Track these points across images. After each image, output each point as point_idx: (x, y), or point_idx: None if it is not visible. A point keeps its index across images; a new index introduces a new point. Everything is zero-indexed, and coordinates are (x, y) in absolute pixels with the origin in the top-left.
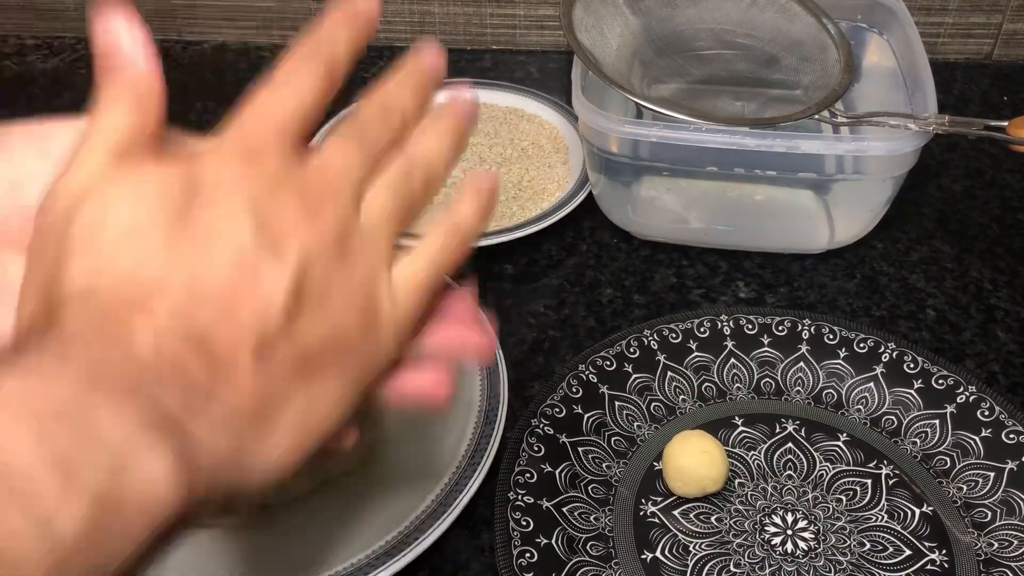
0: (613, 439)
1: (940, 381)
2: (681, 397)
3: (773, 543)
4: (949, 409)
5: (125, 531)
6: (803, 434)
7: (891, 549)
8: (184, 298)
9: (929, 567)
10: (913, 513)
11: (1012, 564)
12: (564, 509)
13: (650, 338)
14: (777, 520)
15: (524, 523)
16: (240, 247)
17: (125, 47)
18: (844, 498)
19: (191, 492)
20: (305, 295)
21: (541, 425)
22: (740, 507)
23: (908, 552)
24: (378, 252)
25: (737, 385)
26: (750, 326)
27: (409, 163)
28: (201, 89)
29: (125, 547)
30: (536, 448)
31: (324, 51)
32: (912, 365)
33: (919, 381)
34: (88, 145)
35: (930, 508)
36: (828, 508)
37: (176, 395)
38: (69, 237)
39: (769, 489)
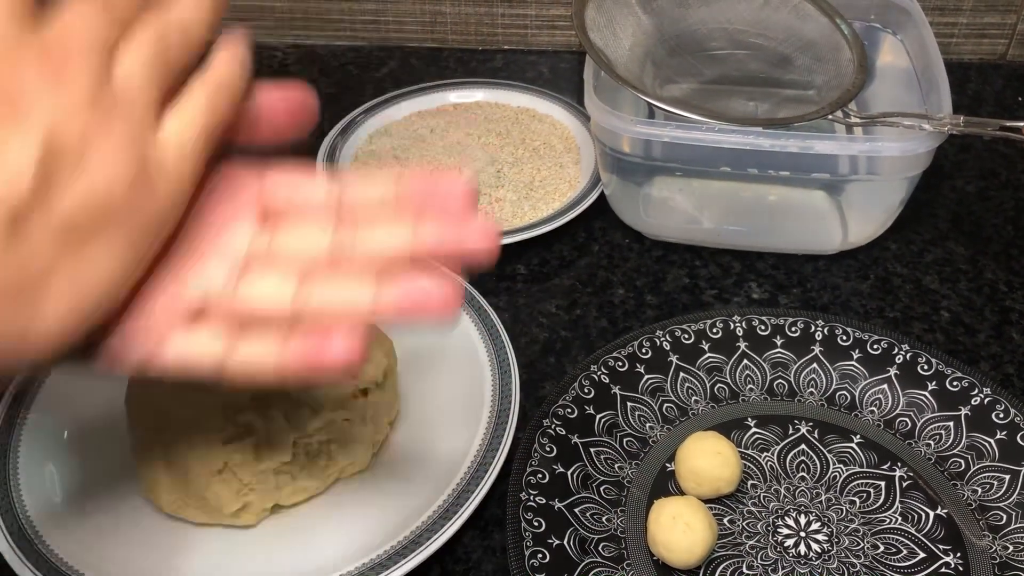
0: (625, 440)
1: (955, 383)
2: (693, 398)
3: (786, 545)
4: (964, 411)
5: None
6: (816, 436)
7: (905, 552)
8: None
9: (943, 570)
10: (927, 516)
11: None
12: (576, 510)
13: (662, 339)
14: (790, 522)
15: (536, 524)
16: None
17: None
18: (858, 500)
19: None
20: (57, 161)
21: (553, 426)
22: (753, 509)
23: (922, 555)
24: (137, 113)
25: (750, 386)
26: (763, 327)
27: (162, 24)
28: None
29: None
30: (548, 449)
31: None
32: (926, 367)
33: (933, 383)
34: None
35: (944, 511)
36: (841, 510)
37: None
38: None
39: (782, 491)
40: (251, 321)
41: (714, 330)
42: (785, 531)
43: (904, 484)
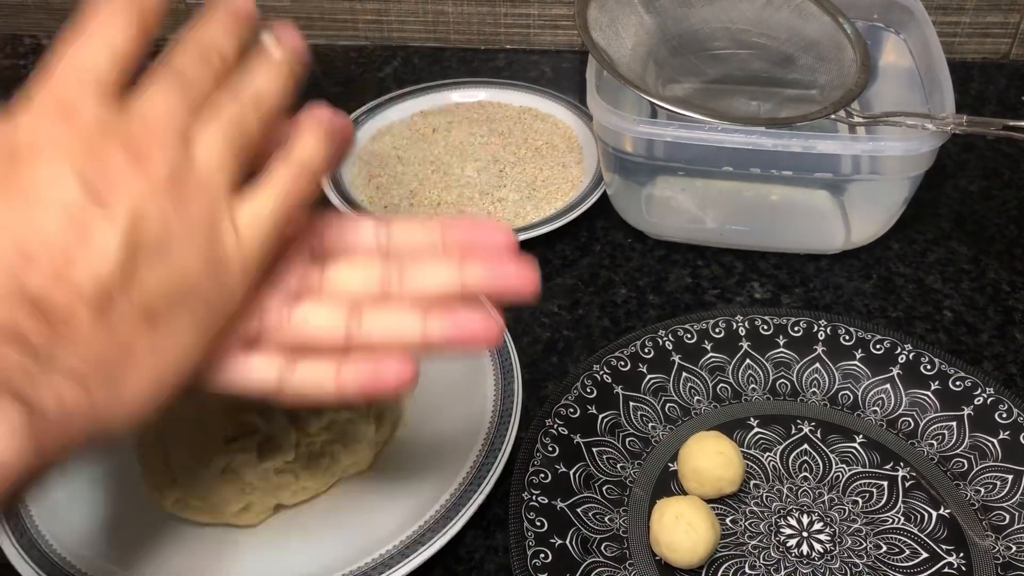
0: (627, 440)
1: (957, 383)
2: (696, 398)
3: (789, 545)
4: (966, 411)
5: None
6: (819, 435)
7: (908, 552)
8: (13, 261)
9: (946, 570)
10: (930, 516)
11: None
12: (578, 510)
13: (665, 339)
14: (793, 522)
15: (538, 523)
16: (65, 204)
17: None
18: (860, 500)
19: (38, 448)
20: (140, 245)
21: (555, 425)
22: (755, 508)
23: (925, 555)
24: (216, 193)
25: (752, 386)
26: (765, 327)
27: (237, 101)
28: None
29: None
30: (550, 448)
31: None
32: (929, 366)
33: (936, 383)
34: None
35: (947, 511)
36: (844, 510)
37: (14, 359)
38: None
39: (785, 491)
40: (305, 348)
41: (716, 330)
42: (788, 531)
43: (907, 484)
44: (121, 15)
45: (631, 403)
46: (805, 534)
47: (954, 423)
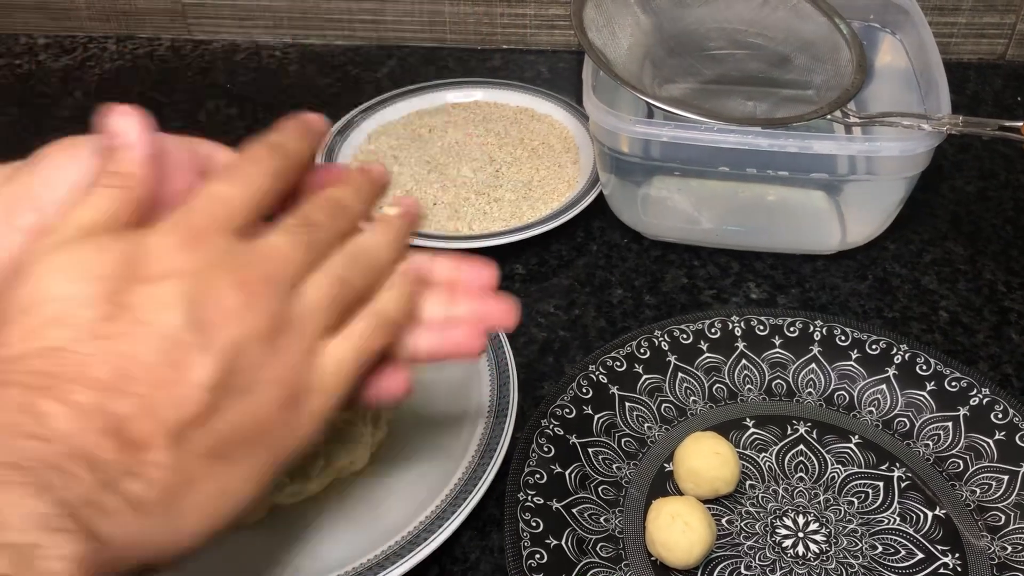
0: (623, 440)
1: (953, 383)
2: (692, 398)
3: (784, 545)
4: (962, 411)
5: None
6: (815, 436)
7: (903, 552)
8: (106, 381)
9: (942, 571)
10: (926, 516)
11: None
12: (574, 510)
13: (661, 339)
14: (788, 522)
15: (534, 524)
16: (170, 333)
17: (128, 137)
18: (856, 501)
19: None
20: (228, 385)
21: (551, 426)
22: (751, 509)
23: (920, 556)
24: (307, 341)
25: (748, 386)
26: (761, 327)
27: (350, 256)
28: (211, 89)
29: None
30: (546, 449)
31: (278, 152)
32: (925, 367)
33: (932, 383)
34: (66, 218)
35: (943, 511)
36: (840, 511)
37: (84, 483)
38: (12, 302)
39: (780, 491)
40: None
41: (712, 330)
42: (783, 531)
43: (902, 485)
44: (264, 164)
45: (627, 403)
46: (801, 535)
47: (950, 424)
